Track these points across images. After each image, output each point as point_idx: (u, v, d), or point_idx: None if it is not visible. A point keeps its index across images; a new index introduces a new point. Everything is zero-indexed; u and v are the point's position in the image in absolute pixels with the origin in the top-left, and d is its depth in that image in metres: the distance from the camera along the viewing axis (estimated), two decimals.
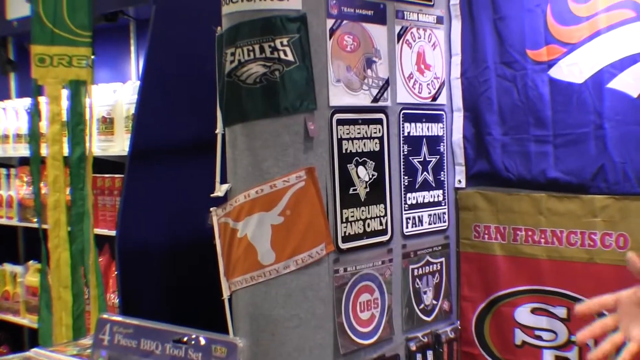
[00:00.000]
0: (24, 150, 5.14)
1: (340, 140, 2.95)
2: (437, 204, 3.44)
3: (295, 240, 2.77)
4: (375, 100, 3.10)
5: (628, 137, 3.03)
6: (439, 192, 3.45)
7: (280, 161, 2.76)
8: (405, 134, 3.27)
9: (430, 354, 3.37)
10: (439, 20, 3.44)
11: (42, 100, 3.73)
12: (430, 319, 3.40)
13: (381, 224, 3.14)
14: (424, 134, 3.37)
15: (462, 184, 3.54)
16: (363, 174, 3.05)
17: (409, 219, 3.30)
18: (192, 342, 1.87)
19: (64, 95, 3.65)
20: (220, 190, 2.81)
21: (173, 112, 3.47)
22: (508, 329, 3.44)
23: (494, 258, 3.46)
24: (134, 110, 3.71)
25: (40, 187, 3.90)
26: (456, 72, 3.51)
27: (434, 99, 3.43)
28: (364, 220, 3.06)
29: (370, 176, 3.08)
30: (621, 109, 3.07)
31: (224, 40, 2.76)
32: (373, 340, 3.09)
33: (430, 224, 3.40)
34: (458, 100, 3.52)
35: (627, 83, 3.05)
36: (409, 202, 3.29)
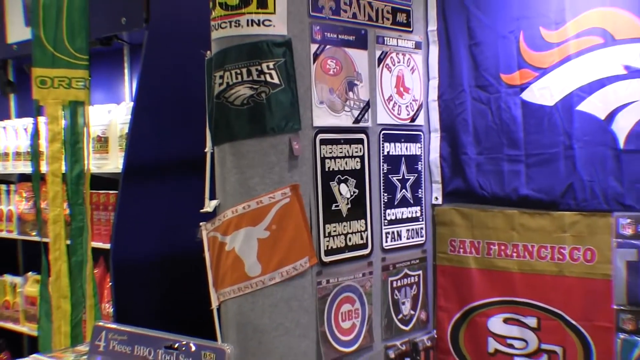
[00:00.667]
0: (23, 167, 5.13)
1: (323, 159, 2.95)
2: (415, 219, 3.44)
3: (280, 253, 2.76)
4: (357, 121, 3.10)
5: (596, 157, 3.04)
6: (417, 208, 3.45)
7: (266, 178, 2.75)
8: (385, 153, 3.27)
9: None
10: (417, 45, 3.44)
11: (41, 120, 3.72)
12: (408, 328, 3.39)
13: (362, 238, 3.13)
14: (402, 153, 3.37)
15: (439, 200, 3.54)
16: (345, 191, 3.04)
17: (388, 233, 3.29)
18: (183, 348, 1.87)
19: (64, 115, 3.65)
20: (210, 206, 2.80)
21: (164, 132, 3.47)
22: (482, 337, 3.43)
23: (469, 271, 3.46)
24: (127, 129, 3.71)
25: (40, 203, 3.90)
26: (433, 95, 3.51)
27: (413, 120, 3.43)
28: (345, 234, 3.05)
29: (352, 193, 3.08)
30: (589, 131, 3.08)
31: (213, 63, 2.75)
32: (354, 348, 3.08)
33: (408, 238, 3.40)
34: (435, 121, 3.51)
35: (595, 106, 3.06)
36: (388, 217, 3.29)
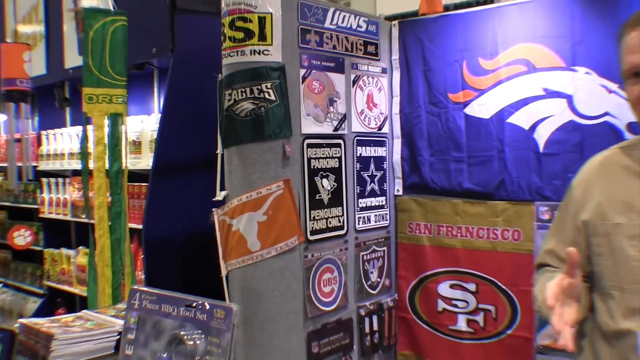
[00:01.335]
0: (75, 164, 5.10)
1: (309, 159, 2.94)
2: (381, 207, 3.43)
3: (275, 233, 2.76)
4: (336, 129, 3.09)
5: (522, 158, 3.05)
6: (383, 198, 3.44)
7: (264, 174, 2.74)
8: (358, 154, 3.26)
9: (375, 317, 3.36)
10: (383, 70, 3.43)
11: (89, 128, 3.73)
12: (375, 292, 3.38)
13: (339, 221, 3.13)
14: (372, 155, 3.36)
15: (400, 192, 3.53)
16: (326, 184, 3.04)
17: (360, 218, 3.28)
18: (200, 306, 1.85)
19: (106, 124, 3.67)
20: (220, 195, 2.80)
21: (185, 137, 3.47)
22: (433, 299, 3.43)
23: (423, 247, 3.45)
24: (156, 135, 3.71)
25: (88, 193, 3.91)
26: (396, 109, 3.50)
27: (380, 128, 3.41)
28: (326, 218, 3.04)
29: (332, 186, 3.07)
30: (517, 138, 3.09)
31: (224, 84, 2.74)
32: (333, 307, 3.08)
33: (376, 222, 3.39)
34: (397, 130, 3.50)
35: (521, 119, 3.07)
36: (360, 205, 3.28)
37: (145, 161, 4.30)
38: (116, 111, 3.64)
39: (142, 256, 3.64)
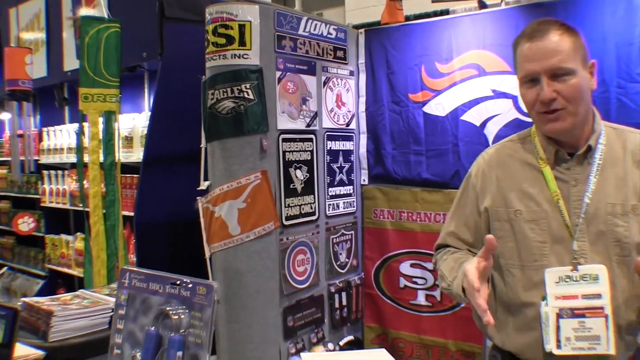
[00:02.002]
0: (73, 158, 5.06)
1: (284, 152, 2.93)
2: (349, 195, 3.42)
3: (254, 218, 2.75)
4: (308, 125, 3.08)
5: (473, 152, 3.04)
6: (350, 187, 3.44)
7: (244, 166, 2.74)
8: (328, 148, 3.25)
9: (344, 294, 3.36)
10: (351, 73, 3.42)
11: (85, 124, 3.71)
12: (344, 271, 3.38)
13: (311, 208, 3.12)
14: (340, 148, 3.35)
15: (366, 182, 3.53)
16: (299, 175, 3.03)
17: (330, 205, 3.28)
18: (183, 284, 1.84)
19: (101, 121, 3.65)
20: (203, 185, 2.79)
21: (172, 133, 3.45)
22: (395, 277, 3.44)
23: (386, 231, 3.45)
24: (146, 131, 3.70)
25: (84, 183, 3.89)
26: (362, 108, 3.49)
27: (347, 125, 3.41)
28: (300, 205, 3.04)
29: (304, 176, 3.06)
30: (469, 134, 3.10)
31: (207, 84, 2.73)
32: (306, 285, 3.07)
33: (344, 208, 3.39)
34: (363, 126, 3.49)
35: (473, 116, 3.09)
36: (330, 193, 3.27)
37: (137, 155, 4.29)
38: (110, 109, 3.63)
39: (134, 240, 3.62)
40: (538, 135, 1.97)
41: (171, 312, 1.85)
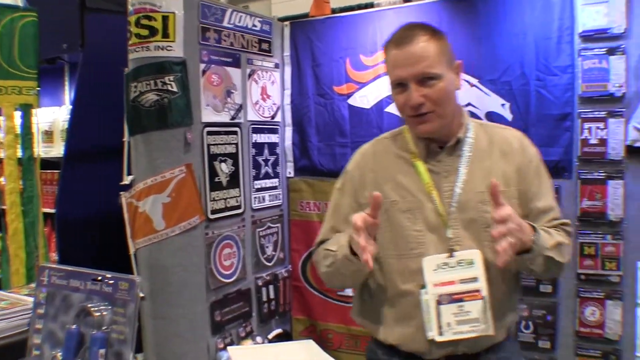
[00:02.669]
0: None
1: (209, 145, 2.91)
2: (275, 188, 3.43)
3: (178, 213, 2.72)
4: (233, 118, 3.07)
5: None
6: (276, 180, 3.44)
7: (168, 159, 2.70)
8: (253, 141, 3.25)
9: (271, 287, 3.37)
10: (276, 65, 3.42)
11: (0, 118, 3.60)
12: (271, 264, 3.38)
13: (237, 201, 3.11)
14: (266, 141, 3.35)
15: (292, 174, 3.54)
16: (225, 168, 3.01)
17: (256, 198, 3.27)
18: (105, 280, 1.82)
19: (17, 114, 3.55)
20: (127, 179, 2.73)
21: (94, 127, 3.36)
22: None
23: (313, 223, 3.47)
24: (67, 125, 3.61)
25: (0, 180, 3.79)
26: (287, 100, 3.50)
27: (273, 117, 3.41)
28: (225, 199, 3.02)
29: (230, 169, 3.05)
30: (393, 125, 3.09)
31: (130, 77, 2.67)
32: (233, 279, 3.06)
33: (270, 201, 3.39)
34: (288, 118, 3.50)
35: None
36: (256, 186, 3.27)
37: (57, 149, 4.20)
38: (27, 102, 3.53)
39: (55, 238, 3.53)
40: (409, 131, 2.07)
41: (93, 309, 1.83)
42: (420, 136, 2.01)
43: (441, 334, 1.84)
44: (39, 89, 3.56)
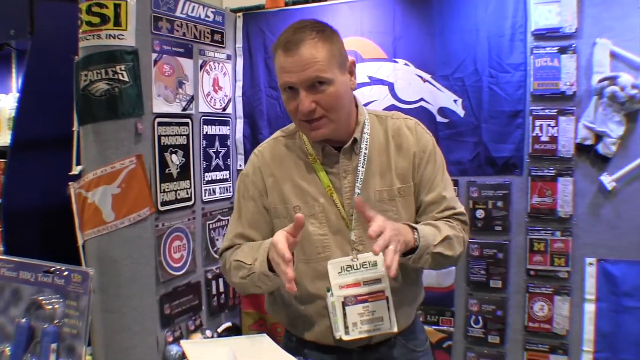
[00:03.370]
0: None
1: (160, 136, 2.88)
2: (225, 180, 3.41)
3: (128, 204, 2.69)
4: (184, 109, 3.04)
5: None
6: (227, 172, 3.42)
7: (118, 150, 2.66)
8: (204, 133, 3.23)
9: (221, 280, 3.36)
10: (228, 57, 3.40)
11: None
12: (221, 257, 3.36)
13: (187, 193, 3.09)
14: (217, 133, 3.33)
15: (242, 167, 3.50)
16: (175, 159, 2.99)
17: (206, 190, 3.26)
18: (57, 272, 1.78)
19: None
20: (76, 170, 2.68)
21: (42, 115, 3.28)
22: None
23: None
24: (14, 113, 3.50)
25: None
26: (239, 92, 3.48)
27: (224, 109, 3.39)
28: (175, 191, 3.00)
29: (180, 161, 3.02)
30: None
31: (80, 65, 2.62)
32: (183, 272, 3.05)
33: (221, 193, 3.37)
34: (240, 110, 3.49)
35: None
36: (206, 179, 3.25)
37: (4, 138, 4.08)
38: None
39: (1, 229, 3.43)
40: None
41: (44, 302, 1.79)
42: (312, 140, 1.97)
43: (348, 333, 1.88)
44: None
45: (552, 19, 2.79)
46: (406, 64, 3.07)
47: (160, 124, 2.88)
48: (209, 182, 3.27)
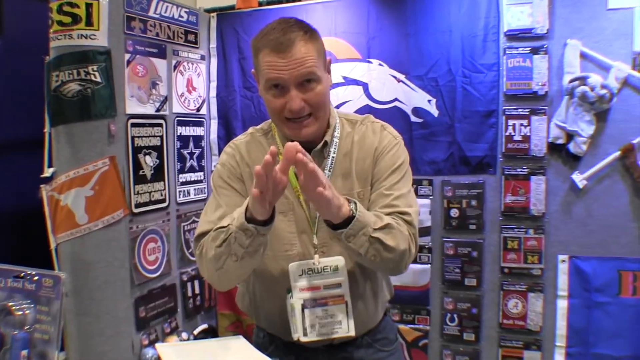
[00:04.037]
0: None
1: (133, 138, 2.82)
2: (200, 181, 3.36)
3: (102, 207, 2.63)
4: (158, 110, 2.99)
5: None
6: (201, 173, 3.38)
7: (91, 151, 2.60)
8: (178, 134, 3.18)
9: (197, 282, 3.31)
10: (202, 57, 3.35)
11: None
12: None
13: (162, 195, 3.04)
14: (191, 134, 3.28)
15: None
16: (149, 161, 2.94)
17: (181, 191, 3.21)
18: (28, 277, 1.73)
19: None
20: (48, 172, 2.62)
21: (13, 117, 3.20)
22: None
23: None
24: None
25: None
26: (213, 93, 3.43)
27: (198, 110, 3.34)
28: (150, 192, 2.95)
29: (154, 162, 2.97)
30: None
31: (52, 65, 2.56)
32: (157, 274, 3.00)
33: (195, 195, 3.32)
34: (214, 111, 3.44)
35: None
36: (181, 180, 3.20)
37: None
38: None
39: None
40: (277, 131, 2.00)
41: (14, 307, 1.75)
42: (296, 139, 1.81)
43: (305, 334, 1.86)
44: None
45: (524, 20, 2.81)
46: (380, 64, 3.05)
47: (133, 125, 2.83)
48: (183, 183, 3.23)
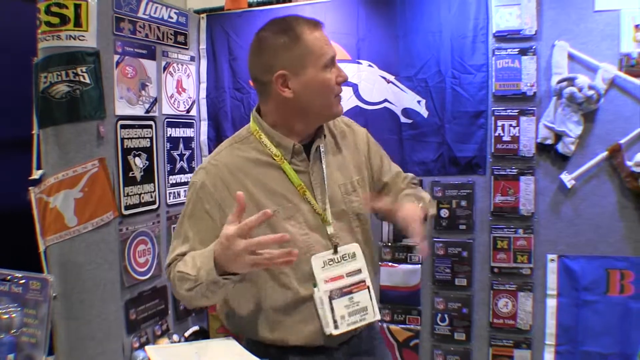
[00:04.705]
0: None
1: (122, 139, 2.79)
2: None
3: (91, 209, 2.59)
4: (147, 111, 2.95)
5: None
6: (191, 175, 3.33)
7: (80, 153, 2.57)
8: (168, 135, 3.14)
9: None
10: (192, 58, 3.31)
11: None
12: None
13: (152, 197, 3.00)
14: (181, 135, 3.24)
15: None
16: (139, 162, 2.90)
17: (171, 193, 3.17)
18: (15, 280, 1.69)
19: None
20: (36, 174, 2.58)
21: (3, 119, 3.17)
22: None
23: None
24: None
25: None
26: (203, 94, 3.39)
27: (188, 111, 3.30)
28: (139, 194, 2.91)
29: (144, 164, 2.94)
30: None
31: (40, 67, 2.52)
32: (148, 276, 2.96)
33: (185, 196, 3.27)
34: (204, 112, 3.40)
35: None
36: (171, 182, 3.17)
37: None
38: None
39: None
40: (263, 132, 1.95)
41: (0, 311, 1.71)
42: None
43: (337, 327, 1.87)
44: None
45: (512, 21, 2.80)
46: (370, 65, 3.02)
47: (123, 126, 2.79)
48: (173, 185, 3.19)
